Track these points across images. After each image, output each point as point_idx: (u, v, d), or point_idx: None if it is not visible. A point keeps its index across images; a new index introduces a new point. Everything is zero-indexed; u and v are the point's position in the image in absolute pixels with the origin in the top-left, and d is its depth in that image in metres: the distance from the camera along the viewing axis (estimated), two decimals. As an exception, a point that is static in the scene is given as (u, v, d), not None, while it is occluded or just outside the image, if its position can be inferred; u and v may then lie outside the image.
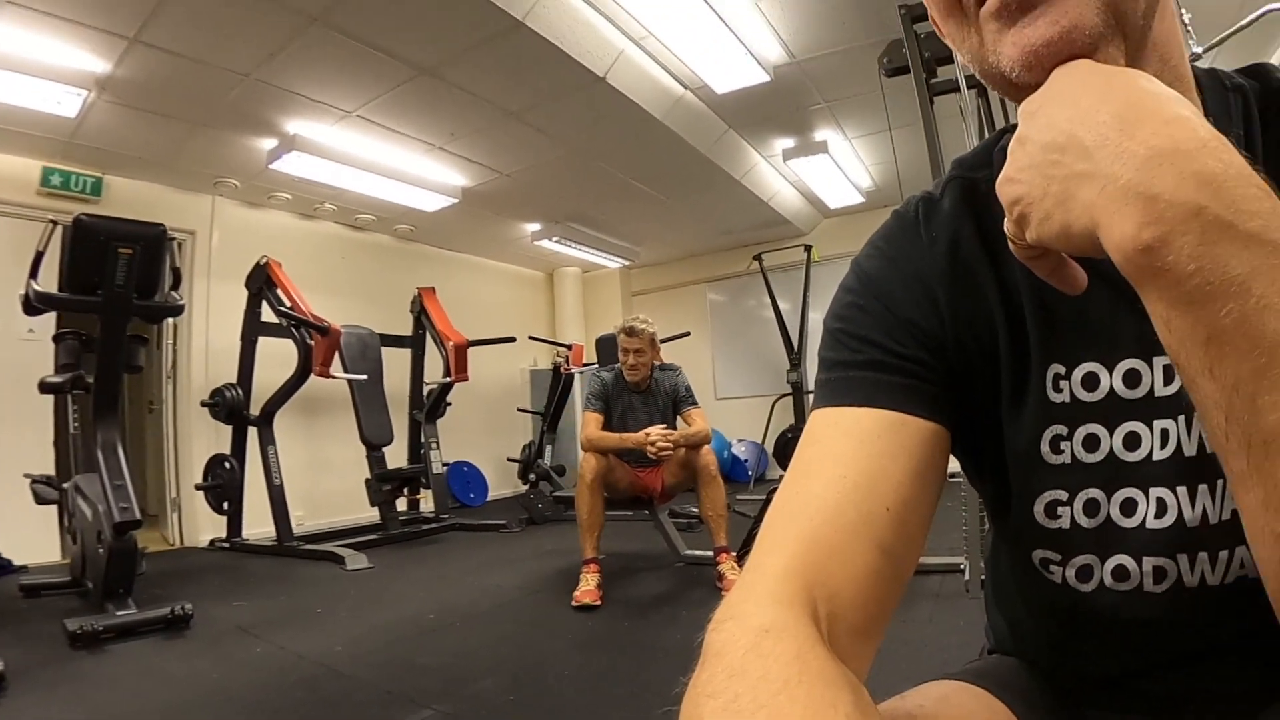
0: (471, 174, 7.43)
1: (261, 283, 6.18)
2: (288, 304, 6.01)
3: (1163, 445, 0.72)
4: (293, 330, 6.01)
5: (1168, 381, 0.72)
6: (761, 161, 8.35)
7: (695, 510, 4.56)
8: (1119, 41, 0.61)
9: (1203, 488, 0.71)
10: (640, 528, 4.89)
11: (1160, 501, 0.73)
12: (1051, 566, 0.79)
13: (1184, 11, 2.90)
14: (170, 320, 6.36)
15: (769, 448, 9.60)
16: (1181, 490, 0.72)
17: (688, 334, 8.58)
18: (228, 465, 6.07)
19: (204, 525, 6.43)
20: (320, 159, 6.41)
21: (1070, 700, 0.86)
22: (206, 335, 6.72)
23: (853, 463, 0.69)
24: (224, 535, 6.19)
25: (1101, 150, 0.49)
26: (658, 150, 7.12)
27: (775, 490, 0.72)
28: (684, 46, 5.65)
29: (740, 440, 9.92)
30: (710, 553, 4.24)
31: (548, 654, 3.24)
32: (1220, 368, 0.45)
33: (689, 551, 4.64)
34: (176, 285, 4.59)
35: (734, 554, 4.12)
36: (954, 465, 0.80)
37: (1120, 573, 0.75)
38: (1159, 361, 0.72)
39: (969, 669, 0.90)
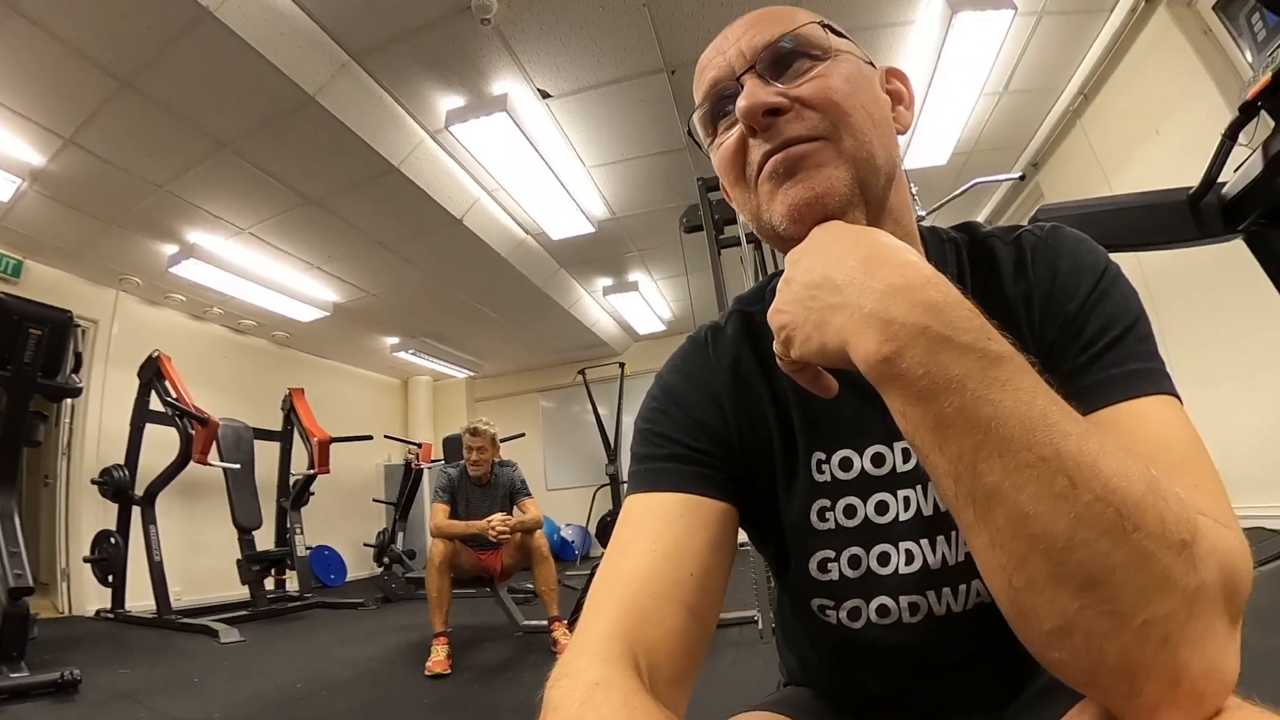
0: (343, 292, 7.28)
1: (152, 374, 5.77)
2: (174, 395, 5.63)
3: (906, 509, 0.79)
4: (177, 420, 5.64)
5: (906, 460, 0.79)
6: (586, 295, 8.57)
7: (531, 586, 4.48)
8: (862, 207, 0.70)
9: (940, 538, 0.78)
10: (484, 603, 4.78)
11: (908, 552, 0.79)
12: (827, 611, 0.83)
13: (912, 185, 3.25)
14: (69, 400, 5.77)
15: (592, 530, 9.58)
16: (924, 542, 0.78)
17: (523, 435, 8.50)
18: (113, 540, 5.51)
19: (91, 595, 5.76)
20: (214, 267, 6.13)
21: (853, 716, 0.90)
22: (100, 418, 6.16)
23: (660, 538, 0.71)
24: (109, 606, 5.57)
25: (850, 287, 0.56)
26: (502, 282, 7.18)
27: (598, 566, 0.73)
28: (528, 200, 5.80)
29: (568, 524, 9.78)
30: (545, 622, 4.16)
31: (405, 719, 3.09)
32: (947, 445, 0.50)
33: (526, 622, 4.52)
34: (77, 369, 4.25)
35: (565, 621, 4.04)
36: (743, 536, 0.83)
37: (882, 610, 0.80)
38: (898, 445, 0.79)
39: (769, 700, 0.92)
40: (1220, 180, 2.09)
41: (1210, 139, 2.03)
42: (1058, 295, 0.74)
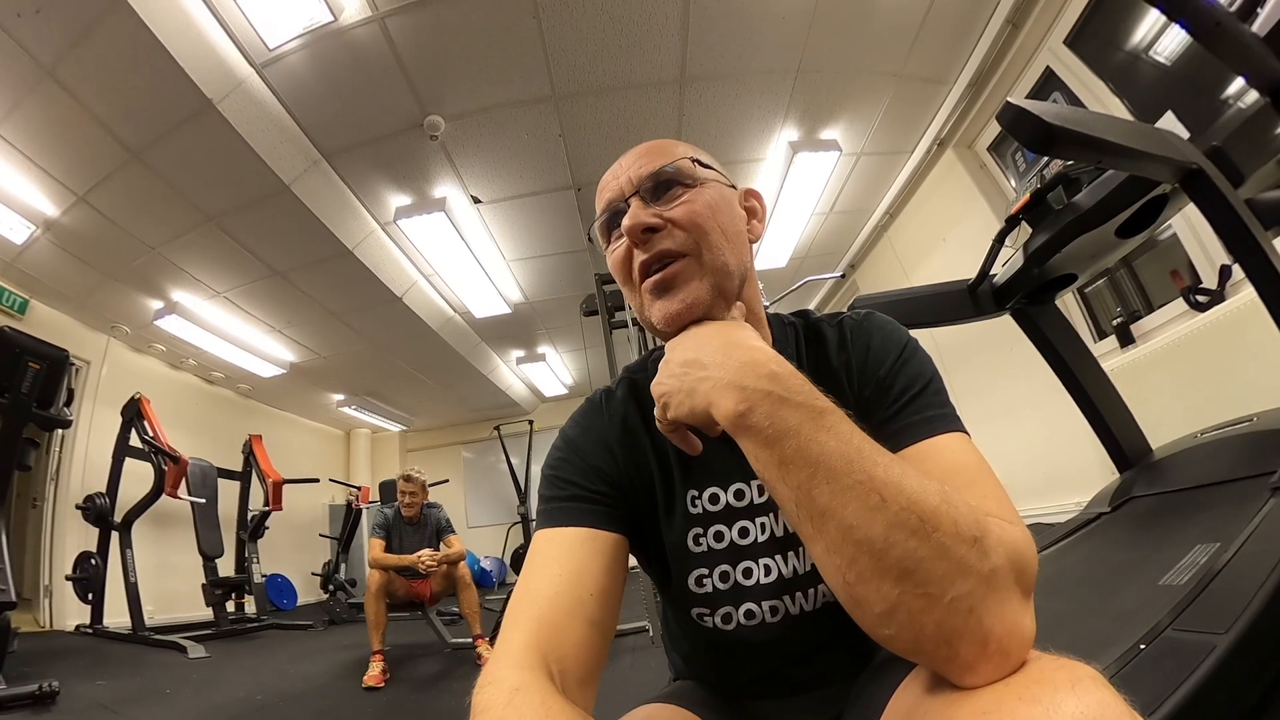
0: (299, 353, 6.92)
1: (133, 414, 5.32)
2: (151, 434, 5.23)
3: (763, 532, 0.81)
4: (152, 456, 5.24)
5: (760, 494, 0.81)
6: (502, 364, 8.45)
7: (456, 609, 4.30)
8: (724, 304, 0.75)
9: (790, 554, 0.80)
10: (416, 624, 4.50)
11: (766, 566, 0.81)
12: (704, 618, 0.83)
13: (760, 283, 3.37)
14: (59, 431, 5.25)
15: (507, 560, 9.26)
16: (778, 557, 0.81)
17: (447, 481, 8.23)
18: (93, 561, 4.95)
19: (71, 611, 5.08)
20: (192, 324, 5.75)
21: (733, 698, 0.90)
22: (86, 449, 5.55)
23: (564, 565, 0.71)
24: (88, 622, 4.94)
25: (713, 364, 0.61)
26: (433, 351, 7.01)
27: (514, 589, 0.73)
28: (458, 284, 5.75)
29: (487, 556, 9.40)
30: (470, 639, 4.00)
31: (353, 724, 2.88)
32: (789, 477, 0.53)
33: (454, 640, 4.29)
34: (68, 403, 3.88)
35: (486, 638, 3.87)
36: (634, 561, 0.84)
37: (749, 614, 0.81)
38: (754, 482, 0.82)
39: (662, 694, 0.91)
40: (992, 273, 2.27)
41: (983, 243, 2.19)
42: (870, 364, 0.79)
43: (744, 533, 0.81)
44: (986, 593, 0.49)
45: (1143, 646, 1.11)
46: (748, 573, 0.81)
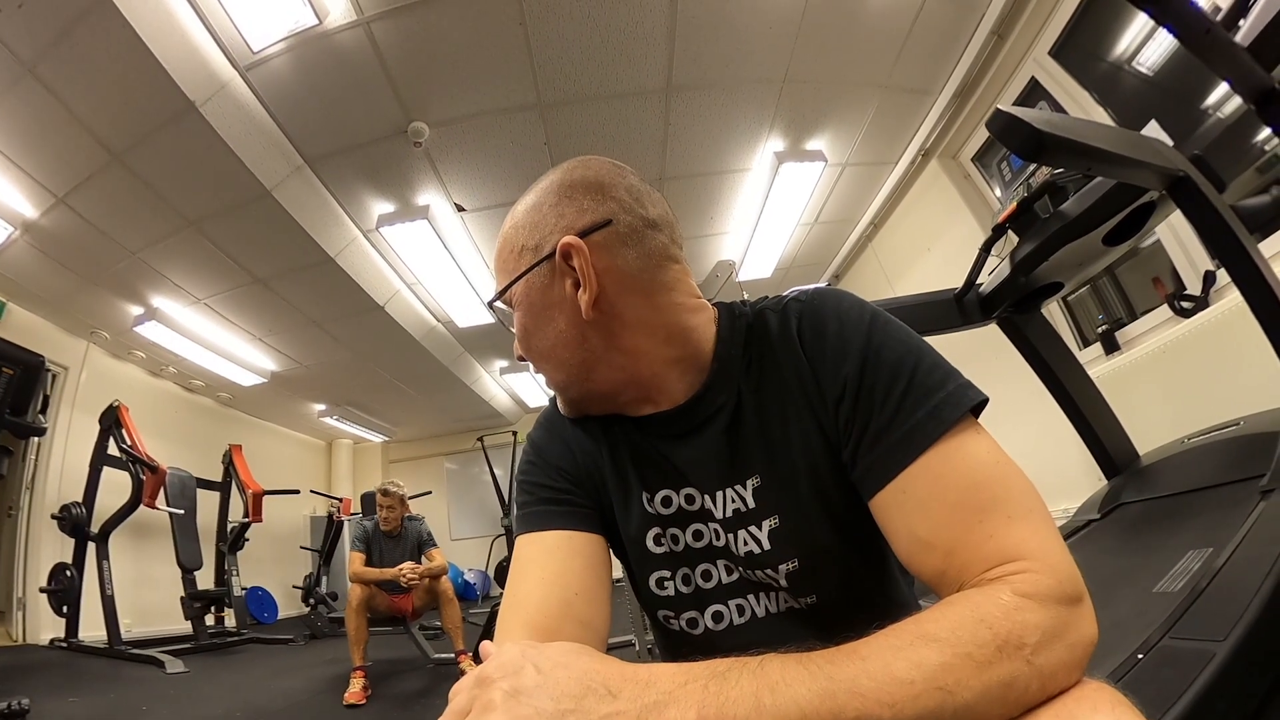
0: (280, 362, 6.82)
1: (112, 422, 5.23)
2: (129, 443, 5.14)
3: (718, 537, 0.77)
4: (130, 465, 5.15)
5: (712, 500, 0.77)
6: (485, 374, 8.40)
7: (439, 624, 4.27)
8: (589, 402, 0.81)
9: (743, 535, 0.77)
10: (398, 639, 4.45)
11: (726, 567, 0.78)
12: (670, 621, 0.81)
13: (744, 293, 3.28)
14: (35, 438, 5.16)
15: (491, 573, 9.19)
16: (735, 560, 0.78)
17: (430, 492, 8.18)
18: (69, 573, 4.85)
19: (45, 625, 4.97)
20: (172, 331, 5.65)
21: None
22: (63, 457, 5.44)
23: (545, 568, 0.72)
24: (63, 635, 4.86)
25: (610, 692, 0.51)
26: (415, 361, 6.95)
27: (499, 604, 0.74)
28: (440, 293, 5.71)
29: (470, 569, 9.33)
30: (453, 654, 3.97)
31: (334, 743, 2.80)
32: None
33: (436, 655, 4.26)
34: (43, 410, 3.83)
35: (470, 654, 3.81)
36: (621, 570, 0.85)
37: (717, 616, 0.79)
38: (706, 488, 0.77)
39: None
40: (978, 282, 2.28)
41: (966, 254, 2.21)
42: (831, 360, 0.70)
43: (698, 535, 0.79)
44: (1044, 665, 0.48)
45: (1140, 656, 1.10)
46: (707, 575, 0.80)
